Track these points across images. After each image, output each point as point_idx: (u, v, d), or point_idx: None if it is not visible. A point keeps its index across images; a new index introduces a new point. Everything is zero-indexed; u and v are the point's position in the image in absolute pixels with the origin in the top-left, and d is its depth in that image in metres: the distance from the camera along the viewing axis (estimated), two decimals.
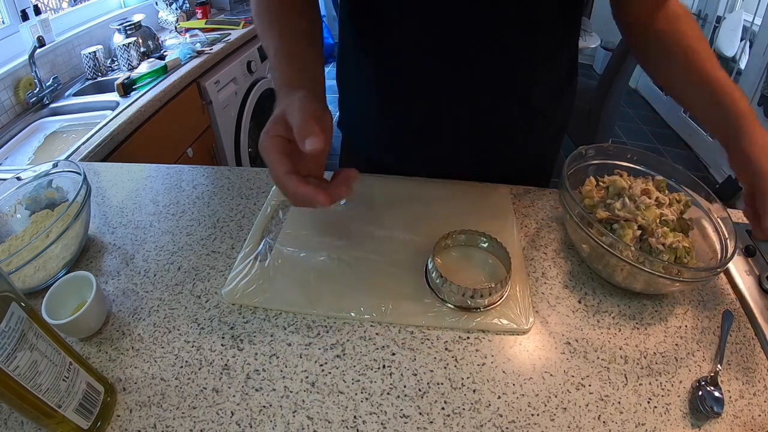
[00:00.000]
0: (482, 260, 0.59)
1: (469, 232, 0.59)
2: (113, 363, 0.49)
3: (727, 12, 2.65)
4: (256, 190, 0.73)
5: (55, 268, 0.57)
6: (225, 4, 2.26)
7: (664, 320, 0.53)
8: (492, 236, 0.58)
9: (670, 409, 0.44)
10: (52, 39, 1.53)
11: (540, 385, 0.46)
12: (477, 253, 0.60)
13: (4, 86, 1.36)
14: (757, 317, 0.53)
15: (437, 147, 0.72)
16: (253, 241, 0.62)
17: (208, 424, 0.43)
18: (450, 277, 0.52)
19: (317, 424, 0.43)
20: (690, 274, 0.49)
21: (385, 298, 0.54)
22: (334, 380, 0.46)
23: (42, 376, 0.36)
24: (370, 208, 0.68)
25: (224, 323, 0.52)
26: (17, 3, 1.45)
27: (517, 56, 0.62)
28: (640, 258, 0.50)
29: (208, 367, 0.48)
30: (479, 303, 0.52)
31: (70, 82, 1.59)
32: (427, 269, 0.56)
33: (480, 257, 0.59)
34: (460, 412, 0.44)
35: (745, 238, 0.64)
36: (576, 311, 0.54)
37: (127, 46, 1.62)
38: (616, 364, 0.48)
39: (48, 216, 0.63)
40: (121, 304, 0.55)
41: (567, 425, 0.43)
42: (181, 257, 0.61)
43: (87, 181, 0.60)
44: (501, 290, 0.53)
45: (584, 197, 0.61)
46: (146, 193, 0.74)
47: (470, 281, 0.56)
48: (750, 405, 0.45)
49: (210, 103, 1.65)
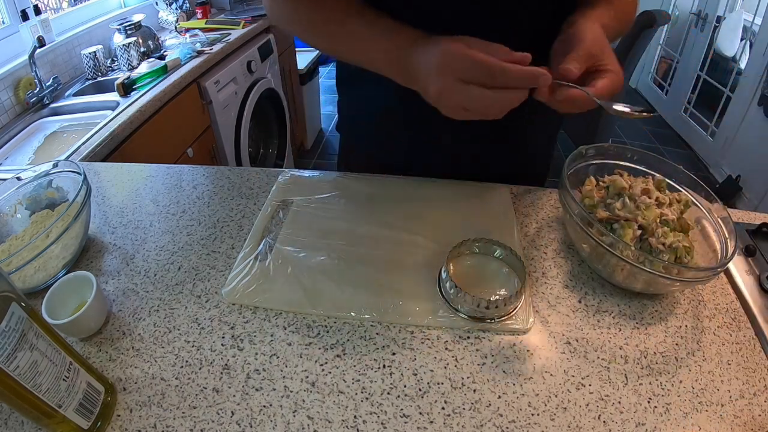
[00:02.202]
0: (496, 270, 0.58)
1: (484, 240, 0.58)
2: (113, 363, 0.49)
3: (727, 12, 2.65)
4: (256, 190, 0.73)
5: (55, 268, 0.57)
6: (225, 4, 2.25)
7: (664, 320, 0.53)
8: (507, 245, 0.57)
9: (670, 409, 0.44)
10: (52, 39, 1.53)
11: (540, 384, 0.46)
12: (491, 262, 0.58)
13: (4, 86, 1.36)
14: (757, 317, 0.53)
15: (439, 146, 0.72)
16: (253, 241, 0.62)
17: (208, 423, 0.43)
18: (462, 286, 0.51)
19: (317, 424, 0.43)
20: (690, 273, 0.49)
21: (387, 299, 0.54)
22: (334, 380, 0.47)
23: (42, 376, 0.36)
24: (371, 208, 0.68)
25: (224, 323, 0.52)
26: (17, 3, 1.45)
27: None
28: (640, 258, 0.50)
29: (208, 367, 0.48)
30: (493, 314, 0.51)
31: (70, 82, 1.59)
32: (440, 278, 0.55)
33: (494, 267, 0.58)
34: (460, 411, 0.44)
35: (745, 238, 0.64)
36: (576, 311, 0.54)
37: (127, 46, 1.62)
38: (616, 364, 0.48)
39: (48, 216, 0.63)
40: (121, 304, 0.55)
41: (567, 425, 0.43)
42: (182, 257, 0.61)
43: (87, 181, 0.60)
44: (515, 302, 0.52)
45: (584, 197, 0.60)
46: (146, 193, 0.74)
47: (483, 291, 0.54)
48: (750, 405, 0.45)
49: (210, 103, 1.65)
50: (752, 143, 2.28)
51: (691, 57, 2.90)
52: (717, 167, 2.54)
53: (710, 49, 2.73)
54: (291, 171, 0.76)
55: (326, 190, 0.71)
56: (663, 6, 3.16)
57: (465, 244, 0.58)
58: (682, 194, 0.60)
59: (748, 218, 0.69)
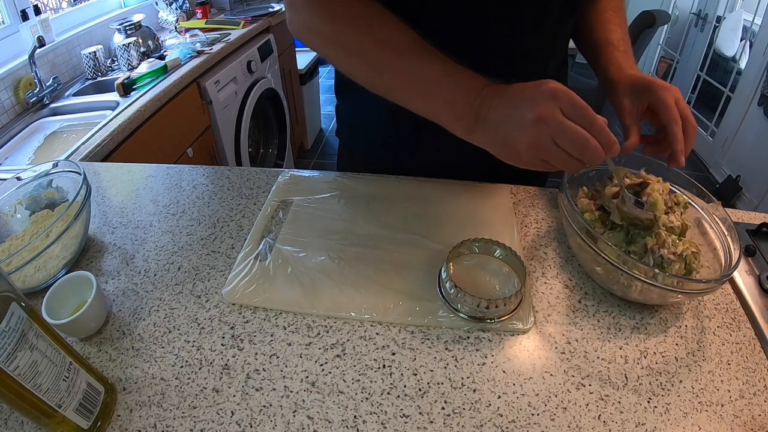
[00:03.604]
0: (496, 270, 0.58)
1: (484, 240, 0.58)
2: (113, 363, 0.49)
3: (727, 12, 2.65)
4: (256, 190, 0.73)
5: (55, 268, 0.57)
6: (225, 4, 2.26)
7: (664, 320, 0.53)
8: (507, 245, 0.57)
9: (670, 409, 0.44)
10: (52, 39, 1.53)
11: (540, 384, 0.46)
12: (491, 262, 0.58)
13: (4, 86, 1.36)
14: (757, 317, 0.53)
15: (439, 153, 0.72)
16: (253, 241, 0.62)
17: (208, 423, 0.43)
18: (462, 286, 0.51)
19: (317, 424, 0.43)
20: (700, 286, 0.48)
21: (387, 299, 0.54)
22: (334, 380, 0.47)
23: (42, 376, 0.36)
24: (371, 208, 0.68)
25: (224, 323, 0.52)
26: (17, 3, 1.45)
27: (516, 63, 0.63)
28: (649, 273, 0.48)
29: (208, 367, 0.48)
30: (493, 314, 0.51)
31: (70, 82, 1.59)
32: (440, 278, 0.55)
33: (494, 267, 0.58)
34: (460, 411, 0.44)
35: (745, 238, 0.64)
36: (576, 311, 0.54)
37: (127, 46, 1.62)
38: (616, 364, 0.48)
39: (48, 216, 0.63)
40: (121, 304, 0.55)
41: (567, 425, 0.43)
42: (182, 257, 0.61)
43: (87, 181, 0.60)
44: (515, 302, 0.52)
45: (583, 211, 0.59)
46: (146, 193, 0.74)
47: (483, 291, 0.55)
48: (750, 405, 0.45)
49: (210, 103, 1.65)
50: (752, 143, 2.28)
51: (691, 57, 2.90)
52: (717, 167, 2.54)
53: (710, 49, 2.73)
54: (291, 171, 0.76)
55: (326, 190, 0.71)
56: (663, 6, 3.16)
57: (465, 244, 0.57)
58: (679, 196, 0.59)
59: (748, 218, 0.69)
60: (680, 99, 0.55)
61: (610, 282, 0.54)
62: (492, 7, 0.57)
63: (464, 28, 0.59)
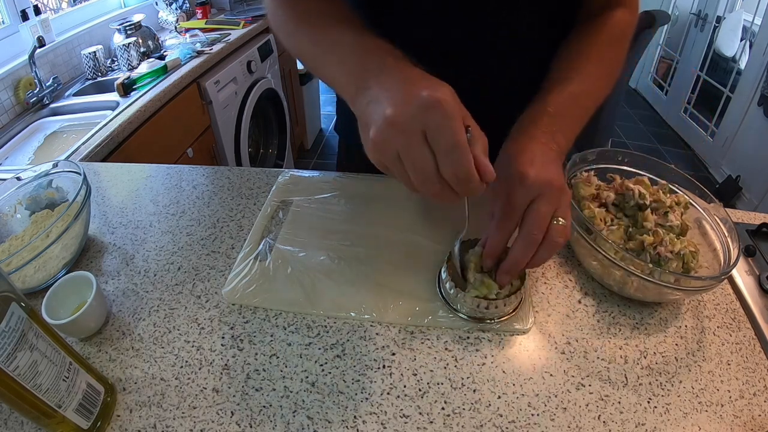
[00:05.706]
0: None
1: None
2: (113, 363, 0.49)
3: (727, 12, 2.65)
4: (256, 190, 0.73)
5: (55, 268, 0.57)
6: (225, 4, 2.25)
7: (664, 320, 0.53)
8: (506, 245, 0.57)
9: (670, 409, 0.44)
10: (52, 39, 1.53)
11: (540, 385, 0.46)
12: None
13: (4, 86, 1.36)
14: (757, 317, 0.53)
15: None
16: (253, 241, 0.62)
17: (208, 424, 0.43)
18: (462, 286, 0.50)
19: (317, 424, 0.43)
20: (697, 283, 0.49)
21: (387, 299, 0.54)
22: (334, 380, 0.47)
23: (42, 376, 0.36)
24: (371, 208, 0.68)
25: (224, 323, 0.52)
26: (17, 3, 1.45)
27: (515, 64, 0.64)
28: (645, 270, 0.49)
29: (208, 367, 0.48)
30: (493, 314, 0.51)
31: (70, 82, 1.59)
32: (440, 278, 0.55)
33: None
34: (460, 412, 0.44)
35: (744, 239, 0.64)
36: (576, 311, 0.54)
37: (127, 46, 1.62)
38: (616, 364, 0.48)
39: (48, 216, 0.63)
40: (121, 304, 0.55)
41: (567, 425, 0.43)
42: (181, 257, 0.61)
43: (87, 181, 0.60)
44: (515, 302, 0.52)
45: (586, 216, 0.59)
46: (146, 193, 0.74)
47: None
48: (750, 405, 0.45)
49: (210, 103, 1.65)
50: (752, 143, 2.28)
51: (691, 57, 2.90)
52: (717, 167, 2.54)
53: (710, 49, 2.73)
54: (291, 171, 0.76)
55: (326, 190, 0.71)
56: (663, 6, 3.16)
57: (465, 244, 0.57)
58: (680, 196, 0.59)
59: (748, 218, 0.69)
60: (544, 201, 0.43)
61: (606, 277, 0.54)
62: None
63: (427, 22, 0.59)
